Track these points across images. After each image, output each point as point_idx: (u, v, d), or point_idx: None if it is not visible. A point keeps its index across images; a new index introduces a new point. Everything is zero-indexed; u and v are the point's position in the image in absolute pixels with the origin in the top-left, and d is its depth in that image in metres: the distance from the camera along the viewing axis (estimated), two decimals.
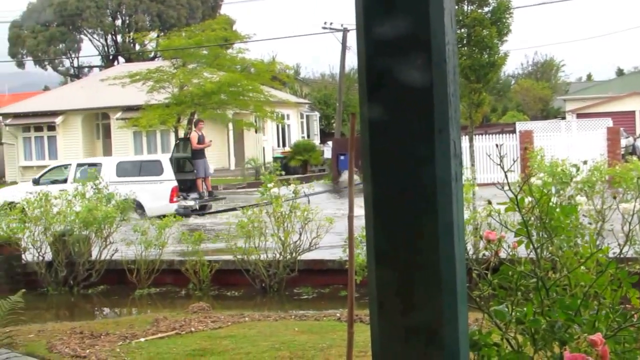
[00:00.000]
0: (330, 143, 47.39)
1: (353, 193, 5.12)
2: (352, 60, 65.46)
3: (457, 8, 19.11)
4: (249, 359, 9.88)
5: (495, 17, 19.91)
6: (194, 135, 30.56)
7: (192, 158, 29.88)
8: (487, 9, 20.08)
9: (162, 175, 27.61)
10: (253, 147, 54.18)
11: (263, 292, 15.86)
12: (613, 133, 37.35)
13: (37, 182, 28.83)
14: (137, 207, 24.19)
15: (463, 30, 19.75)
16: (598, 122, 40.75)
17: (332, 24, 54.10)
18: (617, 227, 12.31)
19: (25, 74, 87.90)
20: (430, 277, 1.76)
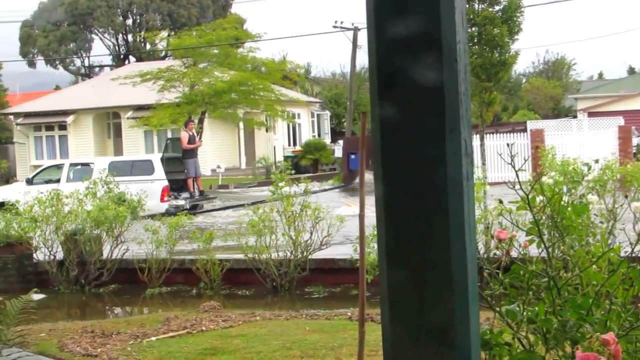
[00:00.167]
0: (341, 142, 47.35)
1: (364, 192, 5.11)
2: (363, 59, 65.37)
3: (467, 7, 19.08)
4: (260, 358, 9.88)
5: (506, 15, 19.85)
6: (185, 135, 30.85)
7: (182, 158, 30.12)
8: (498, 8, 20.01)
9: (153, 175, 27.79)
10: (264, 146, 54.19)
11: (274, 291, 15.87)
12: (624, 132, 37.24)
13: (30, 181, 29.08)
14: None
15: (474, 29, 19.69)
16: (609, 120, 40.72)
17: (342, 23, 54.07)
18: (628, 226, 12.30)
19: (37, 74, 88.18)
20: (442, 276, 1.76)
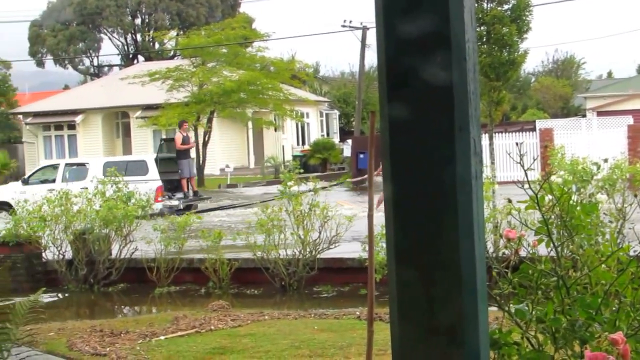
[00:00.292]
0: (350, 141, 47.33)
1: (373, 192, 5.11)
2: (371, 58, 65.36)
3: (476, 5, 19.07)
4: (269, 357, 9.89)
5: (515, 14, 19.81)
6: (178, 136, 31.18)
7: (176, 158, 30.34)
8: (507, 7, 19.97)
9: (147, 175, 27.97)
10: (272, 145, 54.21)
11: (282, 290, 15.87)
12: (634, 131, 37.14)
13: (26, 181, 29.32)
14: None
15: (483, 28, 19.65)
16: (619, 119, 40.61)
17: (351, 22, 54.06)
18: (638, 225, 12.27)
19: (46, 73, 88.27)
20: (451, 275, 1.76)
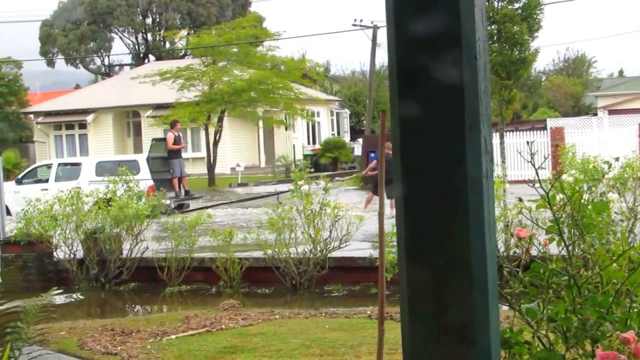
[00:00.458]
0: (361, 140, 47.32)
1: (383, 191, 5.11)
2: (382, 57, 65.42)
3: (487, 4, 19.04)
4: (280, 356, 9.90)
5: (526, 13, 19.79)
6: (170, 136, 31.39)
7: (168, 158, 30.47)
8: (517, 5, 19.95)
9: (138, 175, 28.09)
10: (283, 144, 54.22)
11: (293, 289, 15.87)
12: None
13: (19, 181, 29.45)
14: None
15: (493, 27, 19.64)
16: (630, 118, 40.51)
17: (362, 21, 54.05)
18: None
19: (57, 73, 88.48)
20: (462, 275, 1.75)
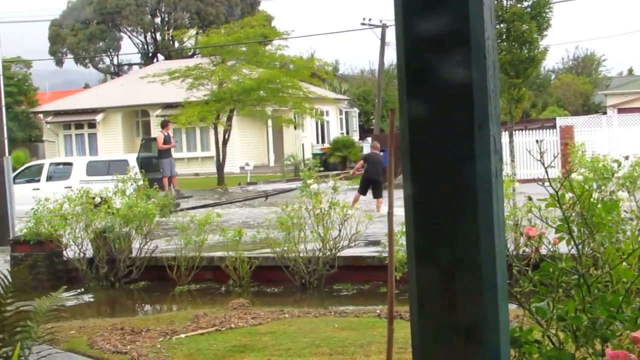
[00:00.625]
0: (370, 139, 47.32)
1: (393, 190, 5.10)
2: (391, 56, 65.41)
3: (496, 3, 19.02)
4: (289, 355, 9.89)
5: (535, 11, 19.80)
6: (160, 136, 31.65)
7: (158, 157, 30.57)
8: (526, 4, 19.96)
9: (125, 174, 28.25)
10: (292, 143, 54.24)
11: (303, 288, 15.86)
12: None
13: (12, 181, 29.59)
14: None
15: (502, 25, 19.63)
16: (639, 117, 40.42)
17: (370, 20, 54.06)
18: None
19: (66, 72, 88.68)
20: (471, 274, 1.75)
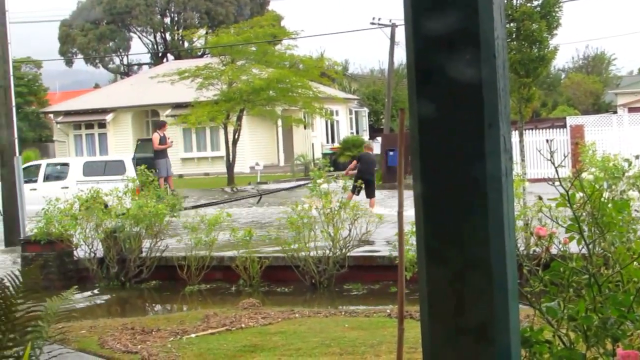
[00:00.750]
0: (380, 139, 47.27)
1: (402, 189, 5.09)
2: (401, 56, 65.29)
3: (506, 2, 19.00)
4: (299, 355, 9.89)
5: (545, 10, 19.72)
6: (156, 136, 31.82)
7: (153, 158, 30.68)
8: (536, 3, 19.88)
9: (125, 175, 28.30)
10: (302, 143, 54.26)
11: (313, 288, 15.87)
12: None
13: None
14: None
15: (512, 24, 19.57)
16: None
17: (380, 20, 54.02)
18: None
19: (76, 72, 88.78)
20: (481, 273, 1.75)
